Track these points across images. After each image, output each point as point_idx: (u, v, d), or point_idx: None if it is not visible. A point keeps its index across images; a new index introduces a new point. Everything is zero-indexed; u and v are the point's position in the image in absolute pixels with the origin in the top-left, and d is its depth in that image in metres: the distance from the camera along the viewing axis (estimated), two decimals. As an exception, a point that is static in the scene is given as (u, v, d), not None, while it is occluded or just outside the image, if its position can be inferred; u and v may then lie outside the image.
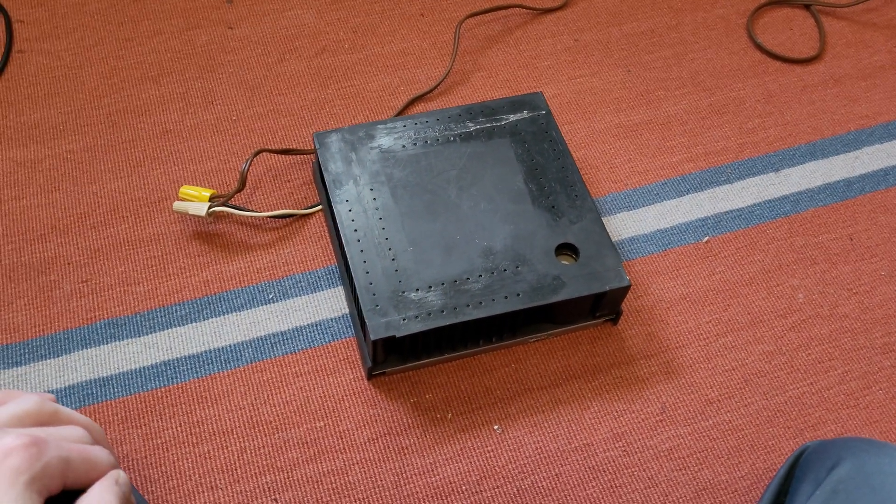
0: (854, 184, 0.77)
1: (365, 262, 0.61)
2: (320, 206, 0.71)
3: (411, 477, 0.59)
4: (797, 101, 0.82)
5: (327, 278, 0.67)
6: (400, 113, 0.78)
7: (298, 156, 0.74)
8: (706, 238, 0.72)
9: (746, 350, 0.66)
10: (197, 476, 0.58)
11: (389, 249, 0.61)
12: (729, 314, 0.68)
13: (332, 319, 0.65)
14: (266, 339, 0.64)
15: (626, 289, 0.62)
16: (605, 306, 0.63)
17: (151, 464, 0.58)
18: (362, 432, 0.60)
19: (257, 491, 0.57)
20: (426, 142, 0.68)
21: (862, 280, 0.70)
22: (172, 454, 0.58)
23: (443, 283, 0.60)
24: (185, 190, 0.68)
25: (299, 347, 0.64)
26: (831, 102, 0.83)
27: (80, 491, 0.38)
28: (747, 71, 0.85)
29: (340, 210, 0.63)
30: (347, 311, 0.66)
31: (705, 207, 0.74)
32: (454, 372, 0.63)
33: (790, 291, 0.69)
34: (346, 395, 0.62)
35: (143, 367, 0.62)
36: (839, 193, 0.76)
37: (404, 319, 0.58)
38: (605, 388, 0.63)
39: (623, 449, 0.61)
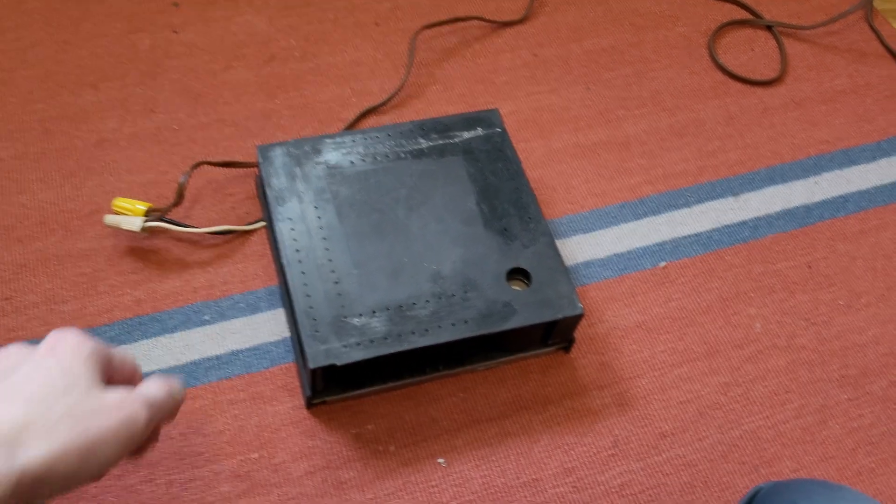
0: (813, 210, 0.75)
1: (306, 284, 0.58)
2: (263, 223, 0.67)
3: (350, 513, 0.56)
4: (757, 124, 0.81)
5: (268, 299, 0.64)
6: (351, 125, 0.75)
7: (241, 169, 0.70)
8: (663, 263, 0.70)
9: (702, 381, 0.64)
10: (120, 511, 0.54)
11: (332, 272, 0.58)
12: (685, 343, 0.66)
13: (271, 343, 0.62)
14: (200, 364, 0.60)
15: (578, 317, 0.59)
16: (557, 334, 0.61)
17: (71, 498, 0.54)
18: (299, 465, 0.57)
19: (184, 528, 0.54)
20: (375, 158, 0.65)
21: (820, 310, 0.69)
22: (95, 487, 0.54)
23: (387, 309, 0.57)
24: (119, 202, 0.64)
25: (235, 373, 0.60)
26: (792, 126, 0.81)
27: None
28: (708, 91, 0.83)
29: (282, 229, 0.60)
30: (288, 334, 0.63)
31: (663, 232, 0.72)
32: (398, 401, 0.60)
33: (747, 321, 0.67)
34: (284, 425, 0.58)
35: (67, 392, 0.58)
36: (798, 220, 0.74)
37: (346, 347, 0.55)
38: (556, 420, 0.61)
39: (573, 485, 0.58)
